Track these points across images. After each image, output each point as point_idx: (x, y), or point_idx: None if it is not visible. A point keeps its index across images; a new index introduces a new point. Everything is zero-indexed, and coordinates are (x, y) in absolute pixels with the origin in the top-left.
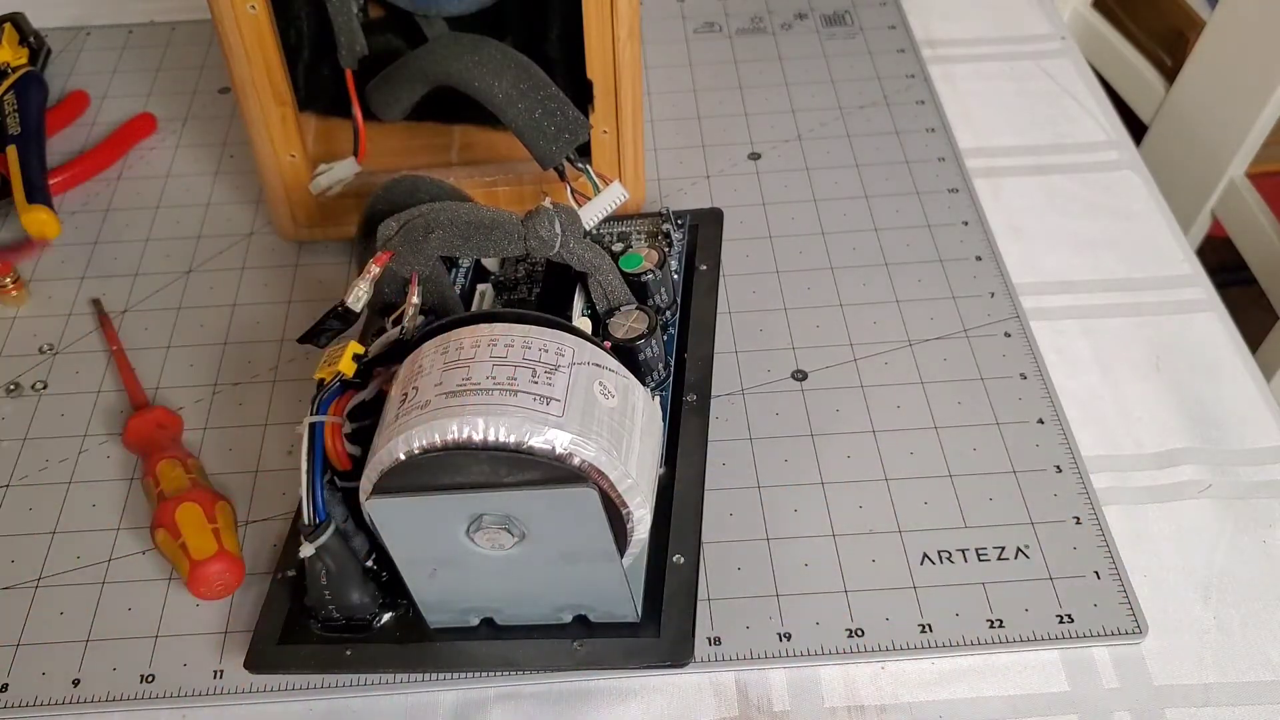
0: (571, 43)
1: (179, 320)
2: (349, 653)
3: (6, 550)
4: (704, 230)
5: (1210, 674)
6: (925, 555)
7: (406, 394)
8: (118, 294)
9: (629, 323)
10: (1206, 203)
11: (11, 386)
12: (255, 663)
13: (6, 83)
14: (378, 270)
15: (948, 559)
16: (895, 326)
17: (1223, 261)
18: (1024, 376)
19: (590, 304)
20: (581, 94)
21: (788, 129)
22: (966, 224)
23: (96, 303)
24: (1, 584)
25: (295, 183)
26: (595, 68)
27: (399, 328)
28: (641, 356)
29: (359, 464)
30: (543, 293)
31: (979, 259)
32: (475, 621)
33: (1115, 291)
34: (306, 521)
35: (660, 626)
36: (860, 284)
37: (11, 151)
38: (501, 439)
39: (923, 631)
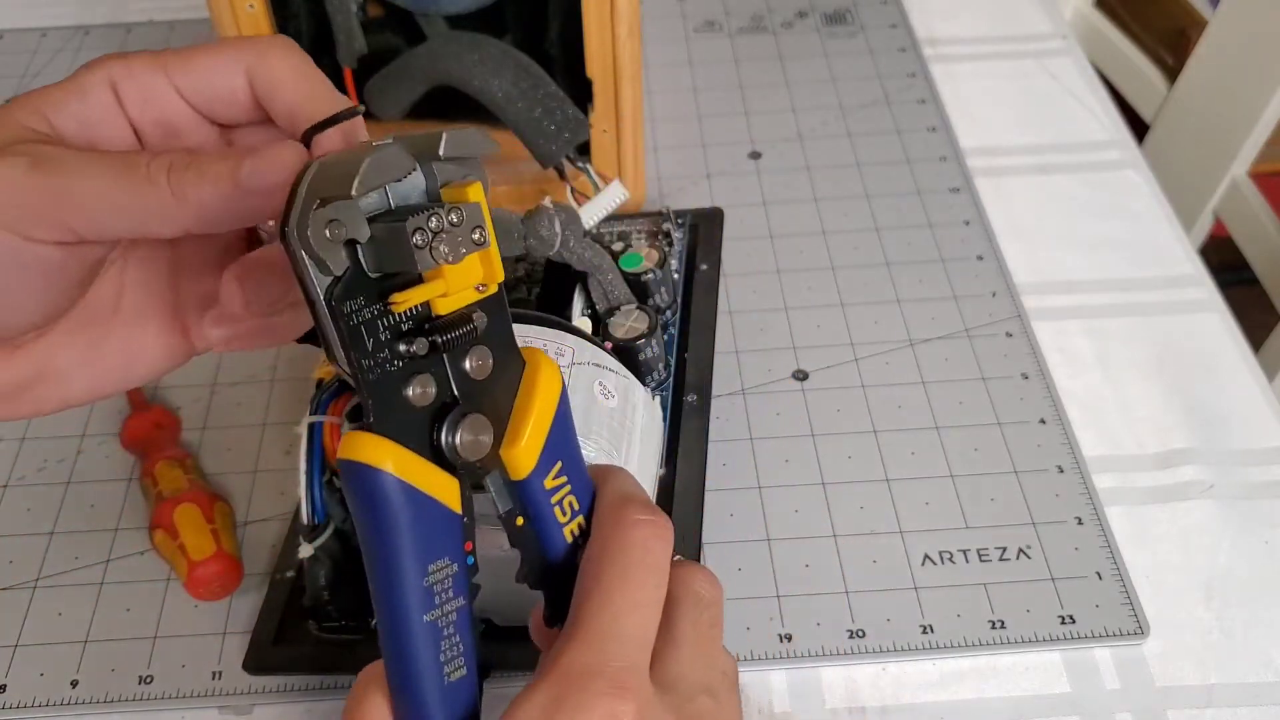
0: (571, 41)
1: None
2: (348, 654)
3: (5, 550)
4: (704, 230)
5: (1213, 675)
6: (926, 556)
7: None
8: None
9: (629, 323)
10: (1209, 202)
11: None
12: (254, 664)
13: None
14: None
15: (949, 560)
16: (896, 326)
17: (1225, 261)
18: (1025, 376)
19: (590, 304)
20: (581, 93)
21: (788, 128)
22: (968, 223)
23: None
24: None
25: None
26: (595, 67)
27: None
28: (641, 356)
29: None
30: (543, 293)
31: (980, 258)
32: None
33: (1117, 291)
34: (305, 522)
35: None
36: (861, 284)
37: None
38: None
39: (924, 632)
